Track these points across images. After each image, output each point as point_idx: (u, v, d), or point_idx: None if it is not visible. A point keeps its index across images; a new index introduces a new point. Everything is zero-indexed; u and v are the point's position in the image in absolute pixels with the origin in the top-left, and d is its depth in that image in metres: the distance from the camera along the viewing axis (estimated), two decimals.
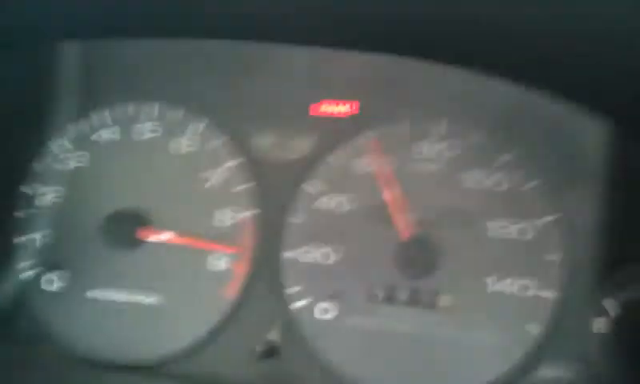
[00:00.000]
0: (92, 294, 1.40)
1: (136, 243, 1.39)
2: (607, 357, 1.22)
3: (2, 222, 1.43)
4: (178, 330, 1.36)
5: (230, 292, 1.35)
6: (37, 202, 1.45)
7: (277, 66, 1.41)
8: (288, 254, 1.35)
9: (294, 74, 1.41)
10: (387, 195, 1.33)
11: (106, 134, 1.45)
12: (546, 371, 1.24)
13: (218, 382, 1.33)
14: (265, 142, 1.40)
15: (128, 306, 1.38)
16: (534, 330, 1.24)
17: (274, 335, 1.31)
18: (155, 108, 1.45)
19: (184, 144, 1.42)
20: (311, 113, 1.39)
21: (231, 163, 1.40)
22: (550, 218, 1.26)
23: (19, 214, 1.45)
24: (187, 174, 1.41)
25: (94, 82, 1.45)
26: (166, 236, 1.37)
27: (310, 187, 1.36)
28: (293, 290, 1.34)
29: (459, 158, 1.32)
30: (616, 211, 1.25)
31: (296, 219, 1.36)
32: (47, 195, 1.45)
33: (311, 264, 1.34)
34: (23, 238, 1.44)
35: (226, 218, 1.38)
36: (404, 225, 1.29)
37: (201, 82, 1.44)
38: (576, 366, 1.23)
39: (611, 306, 1.23)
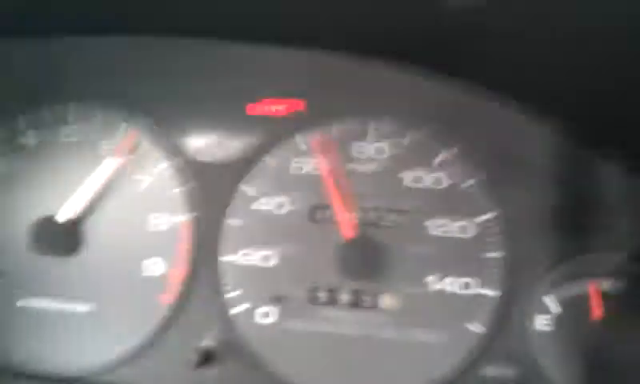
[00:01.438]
0: (24, 303, 1.34)
1: (68, 251, 1.33)
2: (549, 354, 1.21)
3: None
4: (114, 338, 1.32)
5: (167, 298, 1.31)
6: None
7: (213, 64, 1.36)
8: (226, 258, 1.31)
9: (231, 71, 1.36)
10: (327, 196, 1.29)
11: (30, 138, 1.39)
12: (489, 369, 1.23)
13: None
14: (200, 142, 1.35)
15: (62, 314, 1.33)
16: (477, 328, 1.23)
17: (210, 341, 1.27)
18: (80, 109, 1.38)
19: (112, 147, 1.36)
20: (248, 112, 1.35)
21: (165, 165, 1.34)
22: (489, 216, 1.24)
23: None
24: (118, 177, 1.35)
25: (17, 84, 1.39)
26: None
27: (248, 188, 1.32)
28: (232, 294, 1.30)
29: (398, 157, 1.30)
30: (555, 208, 1.23)
31: (234, 222, 1.31)
32: None
33: (251, 267, 1.30)
34: None
35: (161, 222, 1.33)
36: (345, 226, 1.26)
37: (130, 80, 1.38)
38: (519, 363, 1.22)
39: (552, 302, 1.22)
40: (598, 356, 1.19)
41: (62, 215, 1.33)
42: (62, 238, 1.33)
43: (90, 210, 1.34)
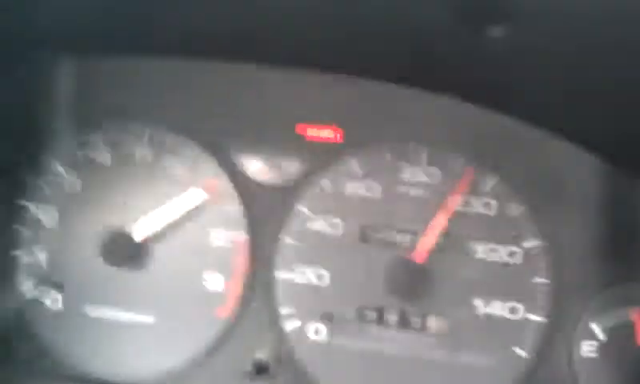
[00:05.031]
0: (91, 312, 1.43)
1: (134, 263, 1.42)
2: (594, 380, 1.23)
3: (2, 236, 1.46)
4: (174, 349, 1.39)
5: (225, 313, 1.38)
6: (37, 220, 1.47)
7: (264, 89, 1.43)
8: (281, 275, 1.37)
9: (288, 97, 1.42)
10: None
11: (100, 156, 1.46)
12: None
13: None
14: (254, 164, 1.42)
15: (126, 324, 1.41)
16: (523, 353, 1.26)
17: (264, 354, 1.33)
18: (145, 131, 1.45)
19: (173, 167, 1.44)
20: (306, 137, 1.41)
21: (226, 184, 1.41)
22: (536, 242, 1.28)
23: (19, 229, 1.47)
24: (179, 196, 1.42)
25: (87, 104, 1.46)
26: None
27: (304, 209, 1.39)
28: (286, 310, 1.36)
29: (445, 183, 1.34)
30: (600, 236, 1.26)
31: (289, 240, 1.38)
32: (46, 214, 1.47)
33: (304, 285, 1.36)
34: (25, 257, 1.46)
35: (221, 237, 1.40)
36: (419, 250, 1.31)
37: (188, 104, 1.45)
38: None
39: (599, 329, 1.25)
40: None
41: (138, 233, 1.40)
42: (133, 253, 1.40)
43: (164, 231, 1.42)
